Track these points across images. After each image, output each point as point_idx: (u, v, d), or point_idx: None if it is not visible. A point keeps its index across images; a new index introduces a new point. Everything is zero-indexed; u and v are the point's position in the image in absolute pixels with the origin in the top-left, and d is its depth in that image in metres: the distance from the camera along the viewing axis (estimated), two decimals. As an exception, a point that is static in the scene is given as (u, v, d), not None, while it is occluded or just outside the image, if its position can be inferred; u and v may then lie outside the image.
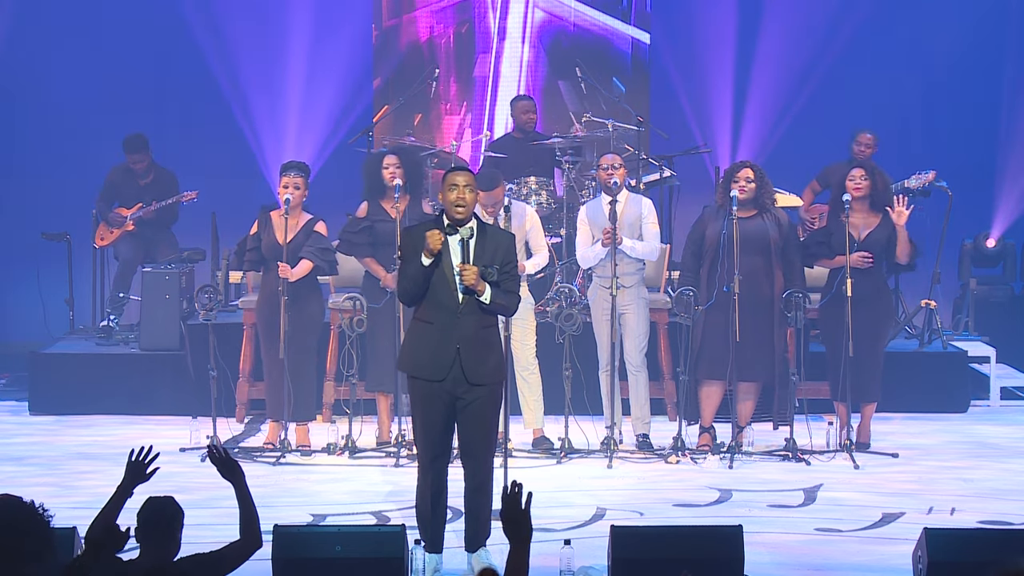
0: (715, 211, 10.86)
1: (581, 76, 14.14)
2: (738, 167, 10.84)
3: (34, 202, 15.01)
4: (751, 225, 10.70)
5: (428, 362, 7.77)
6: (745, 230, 10.64)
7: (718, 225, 10.73)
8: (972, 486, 10.06)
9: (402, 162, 10.88)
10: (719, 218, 10.77)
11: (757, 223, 10.73)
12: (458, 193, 7.81)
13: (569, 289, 11.04)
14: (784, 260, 10.78)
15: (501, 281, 7.82)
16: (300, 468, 10.55)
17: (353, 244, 10.99)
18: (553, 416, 11.03)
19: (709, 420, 10.98)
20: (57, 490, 9.75)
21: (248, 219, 11.25)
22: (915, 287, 13.69)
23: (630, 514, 9.17)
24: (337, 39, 15.24)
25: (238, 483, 5.91)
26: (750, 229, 10.68)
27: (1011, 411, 12.73)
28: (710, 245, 10.77)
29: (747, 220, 10.69)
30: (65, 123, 15.09)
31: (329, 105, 15.17)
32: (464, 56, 15.27)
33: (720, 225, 10.70)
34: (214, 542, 5.92)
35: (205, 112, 15.09)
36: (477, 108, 15.19)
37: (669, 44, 15.36)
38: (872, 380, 10.89)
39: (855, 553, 8.42)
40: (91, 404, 12.30)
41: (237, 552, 5.80)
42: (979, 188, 15.05)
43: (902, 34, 15.33)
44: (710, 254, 10.78)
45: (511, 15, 15.19)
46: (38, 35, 15.17)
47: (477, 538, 7.93)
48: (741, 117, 15.25)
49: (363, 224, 10.92)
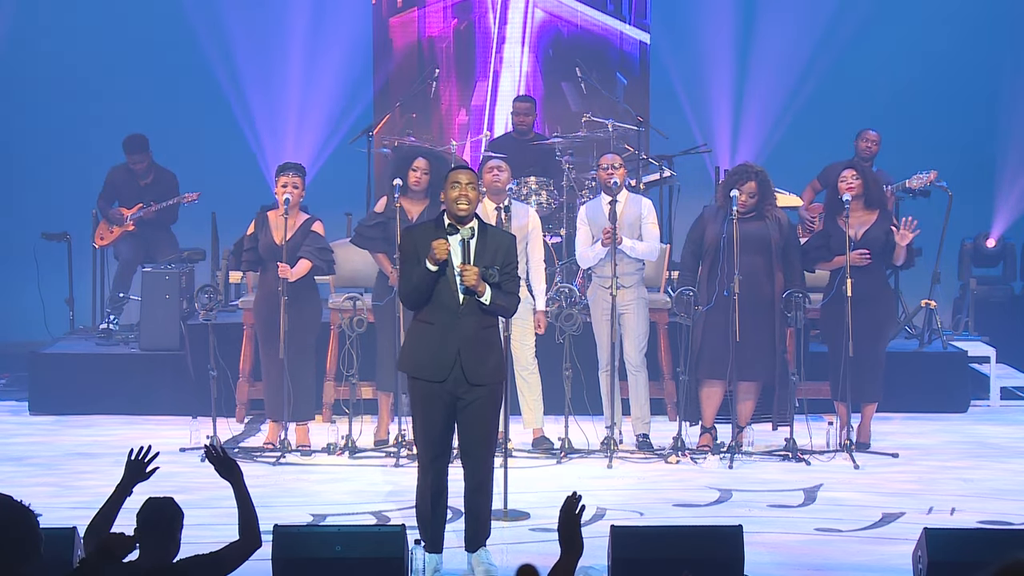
0: (715, 211, 10.86)
1: (581, 76, 14.14)
2: (742, 176, 10.76)
3: (34, 202, 15.02)
4: (752, 226, 10.69)
5: (429, 363, 7.77)
6: (746, 231, 10.63)
7: (718, 226, 10.73)
8: (972, 486, 10.06)
9: (430, 169, 10.86)
10: (719, 218, 10.76)
11: (758, 224, 10.72)
12: (460, 191, 7.81)
13: (569, 289, 11.04)
14: (784, 260, 10.78)
15: (502, 282, 7.81)
16: (300, 468, 10.55)
17: (366, 238, 11.01)
18: (553, 416, 11.03)
19: (710, 420, 10.98)
20: (57, 490, 9.75)
21: (248, 219, 11.26)
22: (915, 287, 13.69)
23: (630, 514, 9.17)
24: (337, 39, 15.24)
25: (237, 483, 5.90)
26: (751, 230, 10.68)
27: (1011, 411, 12.73)
28: (710, 245, 10.76)
29: (748, 221, 10.69)
30: (65, 123, 15.10)
31: (329, 105, 15.17)
32: (464, 56, 15.27)
33: (720, 226, 10.70)
34: (214, 542, 5.92)
35: (205, 112, 15.10)
36: (477, 108, 15.19)
37: (669, 44, 15.36)
38: (872, 380, 10.89)
39: (855, 553, 8.41)
40: (91, 404, 12.30)
41: (236, 552, 5.79)
42: (979, 188, 15.05)
43: (902, 34, 15.33)
44: (710, 254, 10.77)
45: (511, 15, 15.19)
46: (38, 35, 15.18)
47: (477, 538, 7.93)
48: (741, 117, 15.25)
49: (379, 219, 10.93)
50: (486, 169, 10.88)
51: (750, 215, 10.71)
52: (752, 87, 15.26)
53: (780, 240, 10.75)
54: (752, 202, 10.70)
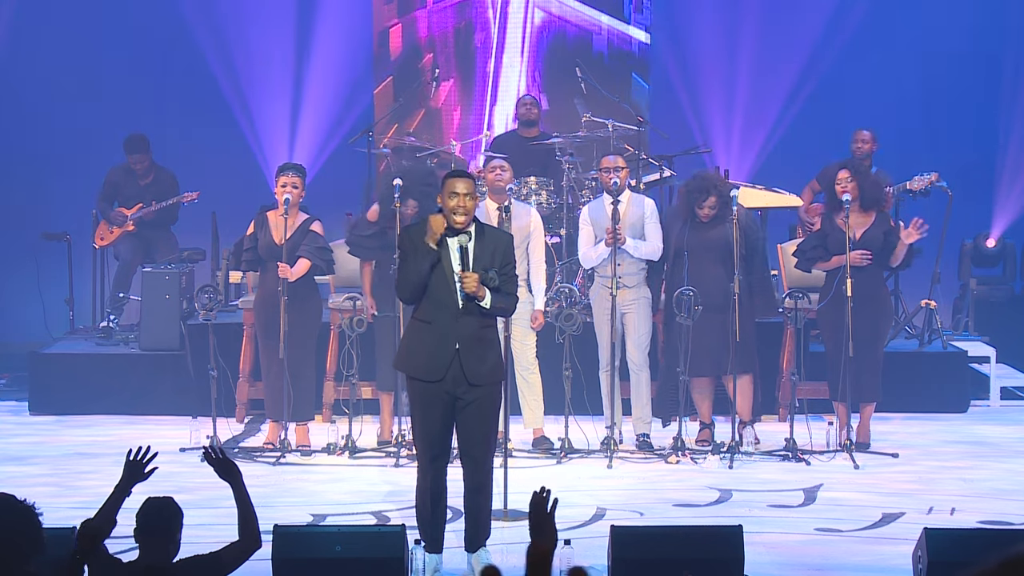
0: (675, 215, 10.95)
1: (581, 76, 14.14)
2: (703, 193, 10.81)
3: (34, 202, 15.02)
4: (713, 233, 10.77)
5: (427, 362, 7.75)
6: (707, 237, 10.75)
7: (678, 232, 10.82)
8: (972, 486, 10.06)
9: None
10: (677, 225, 10.85)
11: (719, 230, 10.78)
12: (458, 201, 7.75)
13: (569, 289, 11.04)
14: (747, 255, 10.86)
15: (500, 283, 7.80)
16: (300, 468, 10.55)
17: (364, 248, 11.00)
18: (553, 416, 11.03)
19: (706, 415, 11.06)
20: (57, 490, 9.75)
21: (248, 219, 11.25)
22: (915, 287, 13.69)
23: (630, 514, 9.17)
24: (337, 39, 15.24)
25: (235, 483, 5.90)
26: (712, 236, 10.79)
27: (1011, 411, 12.73)
28: (669, 248, 10.85)
29: (708, 226, 10.78)
30: (65, 123, 15.10)
31: (329, 105, 15.17)
32: (464, 56, 15.27)
33: (681, 232, 10.79)
34: (214, 542, 5.92)
35: (205, 112, 15.10)
36: (477, 108, 15.19)
37: (669, 44, 15.36)
38: (872, 380, 10.90)
39: (855, 553, 8.41)
40: (91, 404, 12.30)
41: (236, 553, 5.79)
42: (979, 188, 15.06)
43: (902, 34, 15.33)
44: (671, 258, 10.85)
45: (511, 15, 15.19)
46: (38, 35, 15.17)
47: (477, 538, 7.92)
48: (741, 117, 15.25)
49: (374, 229, 10.90)
50: (489, 168, 10.87)
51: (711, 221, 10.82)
52: (752, 87, 15.26)
53: (741, 238, 10.78)
54: (713, 213, 10.79)
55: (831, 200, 10.97)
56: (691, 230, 10.79)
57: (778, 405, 11.97)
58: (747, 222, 11.06)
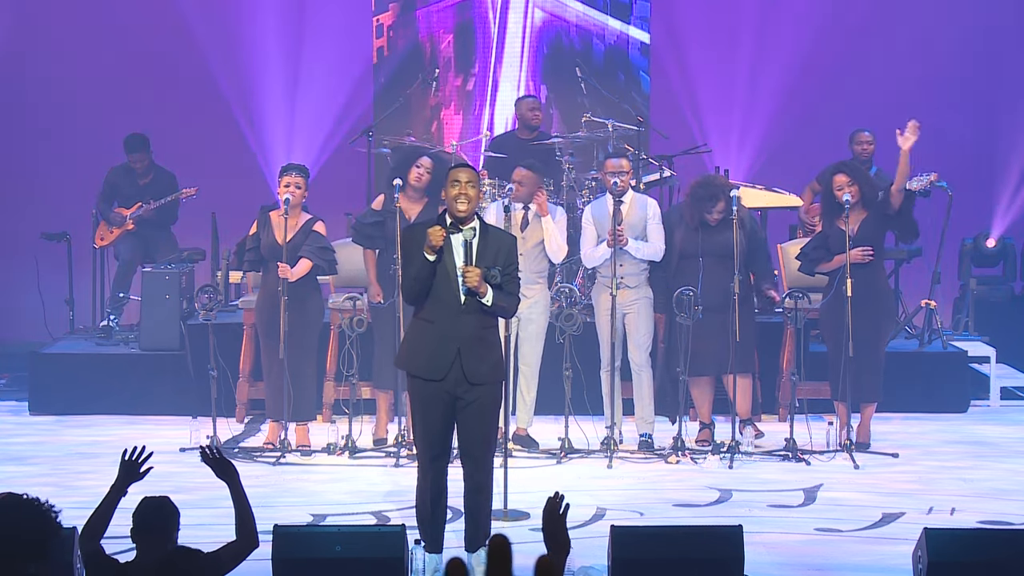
0: (679, 219, 10.94)
1: (581, 76, 14.13)
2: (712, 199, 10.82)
3: (34, 202, 15.01)
4: (721, 238, 10.76)
5: (428, 361, 7.76)
6: (713, 241, 10.74)
7: (682, 234, 10.83)
8: (972, 486, 10.06)
9: (434, 169, 10.86)
10: (682, 227, 10.85)
11: (724, 235, 10.77)
12: (460, 189, 7.81)
13: (569, 289, 11.04)
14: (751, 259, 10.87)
15: (503, 283, 7.81)
16: (300, 468, 10.55)
17: (366, 235, 11.01)
18: (553, 416, 11.03)
19: (706, 415, 11.06)
20: (57, 490, 9.73)
21: (248, 219, 11.26)
22: (915, 287, 13.69)
23: (630, 514, 9.18)
24: (337, 39, 15.24)
25: (233, 484, 5.90)
26: (718, 240, 10.76)
27: (1011, 411, 12.72)
28: (674, 250, 10.84)
29: (716, 230, 10.77)
30: (65, 123, 15.09)
31: (329, 105, 15.16)
32: (464, 56, 15.27)
33: (692, 237, 10.80)
34: (213, 542, 5.92)
35: (205, 112, 15.09)
36: (477, 108, 15.19)
37: (669, 44, 15.35)
38: (872, 380, 10.90)
39: (855, 553, 8.42)
40: (91, 404, 12.29)
41: (233, 553, 5.79)
42: (979, 188, 15.04)
43: (902, 34, 15.32)
44: (674, 260, 10.84)
45: (511, 15, 15.19)
46: (38, 35, 15.17)
47: (477, 538, 7.92)
48: (740, 117, 15.24)
49: (377, 217, 10.92)
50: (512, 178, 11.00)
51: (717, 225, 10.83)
52: (752, 87, 15.25)
53: (744, 242, 10.79)
54: (720, 217, 10.78)
55: (830, 203, 10.93)
56: (703, 235, 10.78)
57: (778, 405, 11.98)
58: (749, 222, 11.06)
